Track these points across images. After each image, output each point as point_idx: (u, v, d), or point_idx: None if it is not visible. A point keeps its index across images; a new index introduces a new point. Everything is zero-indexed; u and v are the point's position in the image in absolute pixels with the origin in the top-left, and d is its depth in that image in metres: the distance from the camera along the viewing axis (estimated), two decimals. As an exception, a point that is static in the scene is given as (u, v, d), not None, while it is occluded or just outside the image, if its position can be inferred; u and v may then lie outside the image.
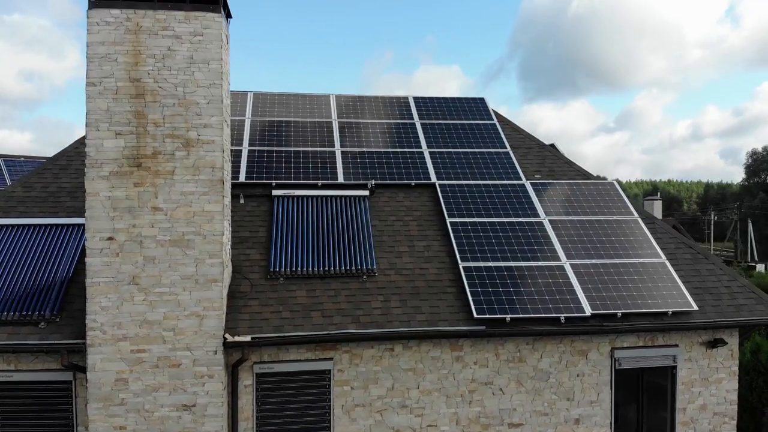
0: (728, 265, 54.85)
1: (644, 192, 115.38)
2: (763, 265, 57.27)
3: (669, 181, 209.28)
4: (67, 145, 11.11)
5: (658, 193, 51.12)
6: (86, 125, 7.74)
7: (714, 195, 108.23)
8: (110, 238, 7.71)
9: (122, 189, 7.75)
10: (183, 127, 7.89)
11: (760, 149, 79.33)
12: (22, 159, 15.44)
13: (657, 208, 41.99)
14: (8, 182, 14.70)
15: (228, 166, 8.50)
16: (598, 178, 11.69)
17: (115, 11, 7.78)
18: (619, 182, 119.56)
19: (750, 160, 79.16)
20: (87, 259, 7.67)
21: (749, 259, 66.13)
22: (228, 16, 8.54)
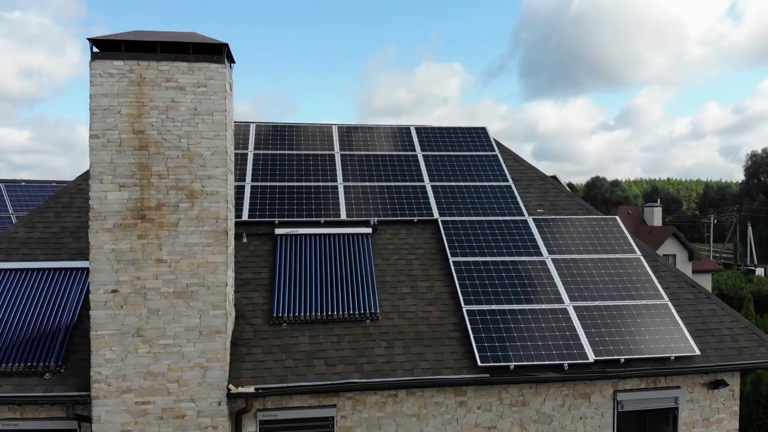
0: (728, 269, 54.88)
1: (644, 193, 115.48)
2: (763, 269, 57.40)
3: (668, 179, 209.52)
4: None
5: (658, 199, 51.09)
6: (90, 178, 7.74)
7: (713, 195, 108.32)
8: (114, 291, 7.72)
9: (126, 241, 7.75)
10: (187, 179, 7.89)
11: (759, 151, 79.44)
12: (23, 183, 15.43)
13: (657, 215, 42.12)
14: (9, 208, 14.72)
15: (232, 215, 8.51)
16: (599, 213, 11.70)
17: (118, 63, 7.78)
18: (619, 182, 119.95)
19: (749, 162, 79.25)
20: (91, 312, 7.68)
21: (749, 262, 66.27)
22: (231, 62, 8.54)
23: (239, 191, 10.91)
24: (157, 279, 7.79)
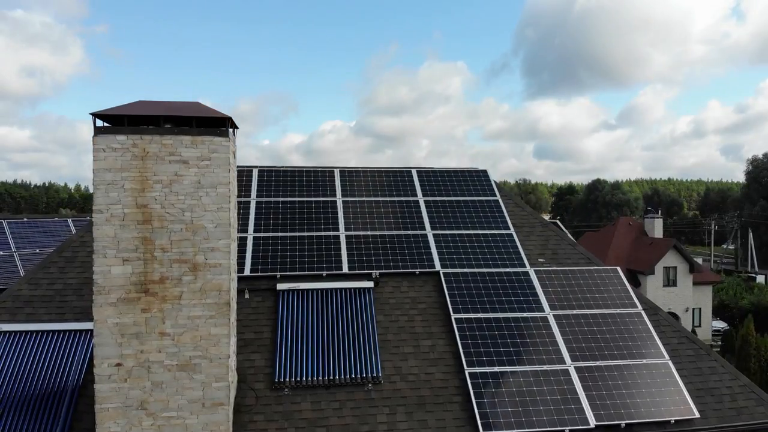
0: (728, 275, 54.76)
1: (644, 195, 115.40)
2: (763, 276, 57.47)
3: (669, 179, 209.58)
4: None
5: (659, 210, 51.07)
6: (94, 252, 7.78)
7: (714, 198, 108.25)
8: (118, 364, 7.76)
9: (130, 315, 7.79)
10: (190, 252, 7.93)
11: (760, 156, 79.39)
12: (25, 220, 15.46)
13: (658, 227, 42.13)
14: (11, 244, 14.77)
15: (234, 284, 8.54)
16: (601, 263, 11.73)
17: (121, 137, 7.81)
18: (619, 183, 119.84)
19: (751, 167, 79.19)
20: (96, 385, 7.72)
21: (749, 268, 66.33)
22: (234, 127, 8.56)
23: (242, 242, 10.95)
24: (160, 352, 7.83)
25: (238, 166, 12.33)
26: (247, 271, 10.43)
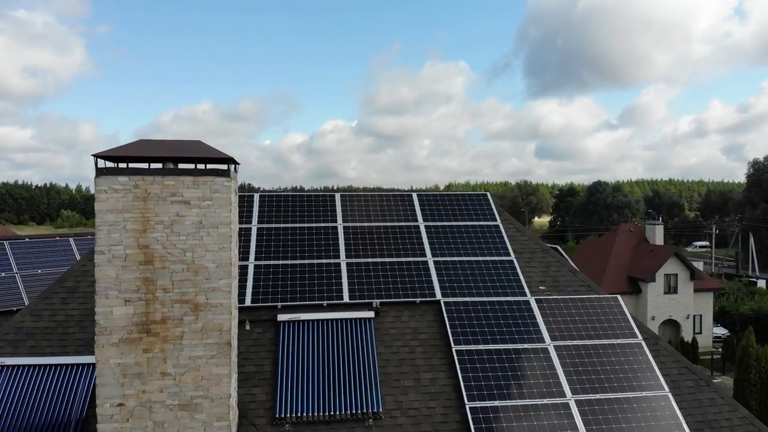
0: (729, 280, 54.83)
1: (645, 197, 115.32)
2: (764, 281, 57.50)
3: (670, 180, 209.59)
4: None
5: (660, 216, 51.06)
6: (95, 294, 7.81)
7: (715, 200, 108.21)
8: (120, 404, 7.80)
9: (132, 355, 7.83)
10: (192, 292, 7.96)
11: (761, 159, 79.35)
12: (26, 240, 15.50)
13: (659, 234, 42.14)
14: (13, 265, 14.80)
15: (235, 321, 8.57)
16: (601, 290, 11.75)
17: (123, 178, 7.83)
18: (620, 184, 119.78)
19: (751, 170, 79.15)
20: (98, 425, 7.76)
21: (750, 271, 66.33)
22: (235, 165, 8.58)
23: (243, 271, 10.98)
24: (162, 392, 7.87)
25: (239, 193, 12.34)
26: (248, 302, 10.46)
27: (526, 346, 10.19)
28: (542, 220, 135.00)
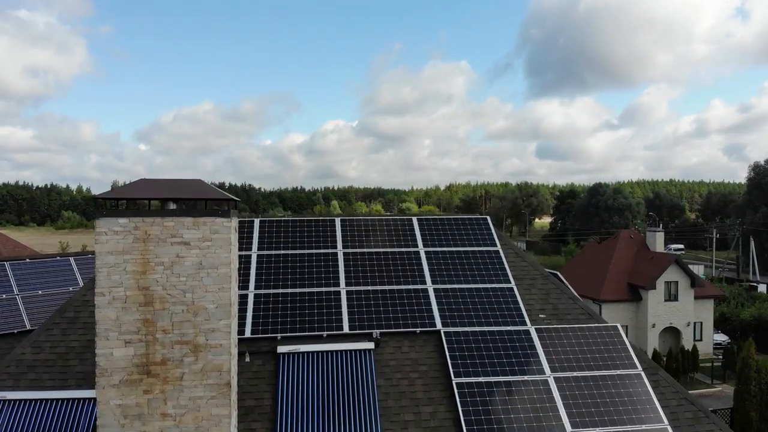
0: (730, 284, 54.87)
1: (646, 199, 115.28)
2: (765, 285, 57.51)
3: (671, 180, 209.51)
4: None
5: (659, 223, 51.05)
6: (96, 335, 7.81)
7: (716, 203, 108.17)
8: (120, 446, 7.81)
9: (132, 397, 7.83)
10: (191, 333, 7.96)
11: (762, 162, 79.34)
12: (27, 260, 15.51)
13: (659, 240, 42.14)
14: (13, 286, 14.80)
15: (235, 360, 8.57)
16: (601, 319, 11.74)
17: (123, 220, 7.83)
18: (621, 186, 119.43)
19: (752, 173, 79.13)
20: (98, 467, 7.78)
21: (750, 275, 66.31)
22: (236, 204, 8.58)
23: (243, 300, 10.99)
24: (162, 433, 7.87)
25: (240, 220, 12.35)
26: (247, 333, 10.47)
27: (526, 378, 10.19)
28: (543, 221, 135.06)
